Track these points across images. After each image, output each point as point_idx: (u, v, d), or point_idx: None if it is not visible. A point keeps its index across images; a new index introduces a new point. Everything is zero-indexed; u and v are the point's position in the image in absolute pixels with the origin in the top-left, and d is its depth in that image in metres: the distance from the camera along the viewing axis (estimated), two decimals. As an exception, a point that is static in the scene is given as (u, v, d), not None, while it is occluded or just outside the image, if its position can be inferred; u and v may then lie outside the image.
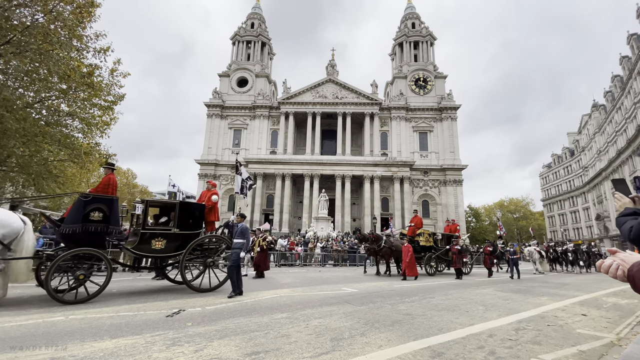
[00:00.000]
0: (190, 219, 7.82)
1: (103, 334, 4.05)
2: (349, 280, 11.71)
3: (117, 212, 6.89)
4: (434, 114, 48.36)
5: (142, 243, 7.08)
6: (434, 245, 15.99)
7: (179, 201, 8.17)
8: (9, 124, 11.22)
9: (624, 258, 1.37)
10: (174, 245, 7.48)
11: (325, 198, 32.73)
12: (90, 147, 14.55)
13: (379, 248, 14.25)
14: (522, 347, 4.04)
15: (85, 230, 6.28)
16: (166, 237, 7.36)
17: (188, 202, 8.66)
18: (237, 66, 52.32)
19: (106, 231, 6.59)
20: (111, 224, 6.64)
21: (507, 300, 7.95)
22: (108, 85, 14.32)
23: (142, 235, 7.08)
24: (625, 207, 1.78)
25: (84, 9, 12.50)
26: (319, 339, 4.06)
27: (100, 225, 6.45)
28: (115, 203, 6.82)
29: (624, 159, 44.05)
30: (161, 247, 7.22)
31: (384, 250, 14.23)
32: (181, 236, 7.58)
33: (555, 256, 23.89)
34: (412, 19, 55.87)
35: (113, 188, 7.10)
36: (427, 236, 15.74)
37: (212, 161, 46.64)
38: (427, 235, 15.79)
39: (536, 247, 21.74)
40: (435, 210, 45.15)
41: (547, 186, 79.23)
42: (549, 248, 24.36)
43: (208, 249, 8.15)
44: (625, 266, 1.33)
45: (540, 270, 20.37)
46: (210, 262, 7.98)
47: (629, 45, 42.01)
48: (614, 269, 1.37)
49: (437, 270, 16.41)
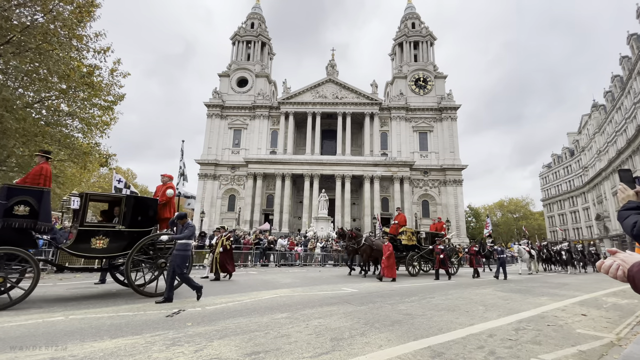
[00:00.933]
0: (139, 215, 7.08)
1: (103, 334, 4.04)
2: (348, 280, 11.71)
3: (48, 206, 6.15)
4: (434, 114, 48.37)
5: (79, 242, 6.39)
6: (418, 245, 15.36)
7: (126, 195, 7.30)
8: (9, 123, 11.22)
9: (624, 258, 1.35)
10: (120, 244, 6.76)
11: (325, 198, 32.74)
12: (90, 147, 14.54)
13: (359, 246, 13.63)
14: (522, 347, 4.04)
15: (8, 227, 5.58)
16: (109, 235, 6.60)
17: (137, 197, 7.96)
18: (237, 66, 52.30)
19: (33, 228, 5.86)
20: (40, 219, 5.86)
21: (507, 300, 7.96)
22: (108, 85, 14.31)
23: (79, 233, 6.39)
24: (629, 200, 1.69)
25: (84, 8, 12.50)
26: (319, 339, 4.06)
27: (26, 221, 5.71)
28: (46, 196, 6.05)
29: (624, 159, 44.05)
30: (103, 247, 6.48)
31: (363, 248, 13.55)
32: (128, 234, 6.83)
33: (549, 256, 23.31)
34: (412, 19, 55.86)
35: (46, 179, 6.40)
36: (410, 235, 15.01)
37: (212, 161, 46.63)
38: (410, 234, 15.04)
39: (526, 246, 21.00)
40: (435, 210, 45.13)
41: (547, 186, 79.25)
42: (542, 247, 23.71)
43: (162, 249, 7.34)
44: (626, 266, 1.31)
45: (531, 271, 19.67)
46: (162, 263, 7.23)
47: (628, 45, 42.00)
48: (614, 269, 1.35)
49: (423, 270, 15.87)
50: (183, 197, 19.48)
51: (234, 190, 46.74)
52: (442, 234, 16.40)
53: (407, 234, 14.86)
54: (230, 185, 46.92)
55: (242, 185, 46.20)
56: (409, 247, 14.77)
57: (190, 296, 7.20)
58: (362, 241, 13.63)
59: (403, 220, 15.51)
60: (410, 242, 14.83)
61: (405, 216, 16.22)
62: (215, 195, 46.23)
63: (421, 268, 15.80)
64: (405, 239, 14.72)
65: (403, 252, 14.66)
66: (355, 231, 14.32)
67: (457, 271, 16.41)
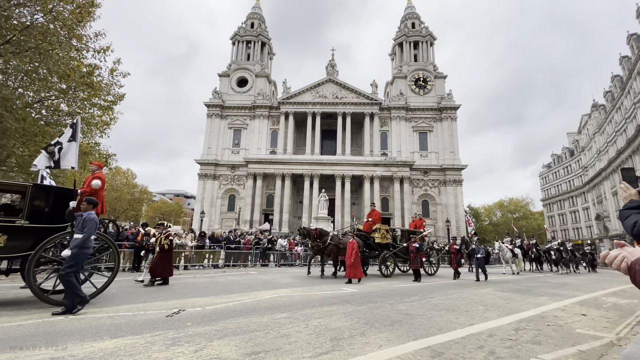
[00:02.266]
0: (49, 209, 6.02)
1: (103, 334, 4.04)
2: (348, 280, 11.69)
3: None
4: (434, 114, 48.38)
5: None
6: (393, 243, 14.38)
7: (32, 184, 6.02)
8: (9, 123, 11.22)
9: (632, 252, 1.37)
10: (22, 243, 5.66)
11: (325, 198, 32.76)
12: (90, 147, 14.54)
13: (324, 245, 12.55)
14: (522, 347, 4.04)
15: None
16: (8, 232, 5.49)
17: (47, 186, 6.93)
18: (237, 66, 52.30)
19: None
20: None
21: (506, 300, 7.96)
22: (108, 85, 14.31)
23: None
24: (630, 199, 1.69)
25: (84, 8, 12.50)
26: (319, 339, 4.06)
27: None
28: None
29: (624, 159, 44.05)
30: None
31: (330, 248, 12.57)
32: (33, 231, 5.74)
33: (537, 255, 22.12)
34: (412, 19, 55.87)
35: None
36: (384, 232, 14.01)
37: (212, 161, 46.63)
38: (384, 231, 14.05)
39: (509, 244, 19.66)
40: (435, 210, 45.16)
41: (547, 186, 79.25)
42: (530, 246, 22.38)
43: None
44: (630, 259, 1.33)
45: (515, 271, 18.57)
46: None
47: (628, 45, 42.01)
48: (618, 261, 1.37)
49: (401, 271, 15.16)
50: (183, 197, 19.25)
51: (234, 190, 46.74)
52: (422, 231, 15.54)
53: (381, 232, 13.84)
54: (230, 185, 46.92)
55: (242, 185, 46.21)
56: (383, 246, 13.86)
57: (191, 296, 7.19)
58: (328, 240, 12.59)
59: (377, 217, 14.46)
60: (385, 240, 13.85)
61: (379, 212, 15.06)
62: (215, 195, 46.23)
63: (398, 268, 15.04)
64: (379, 237, 13.71)
65: (376, 250, 13.83)
66: (320, 230, 13.24)
67: (436, 271, 15.34)
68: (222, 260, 16.80)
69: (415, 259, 12.26)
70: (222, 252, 17.00)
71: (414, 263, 12.28)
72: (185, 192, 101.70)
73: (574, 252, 24.04)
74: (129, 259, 13.57)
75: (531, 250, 21.97)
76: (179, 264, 15.09)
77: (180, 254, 15.39)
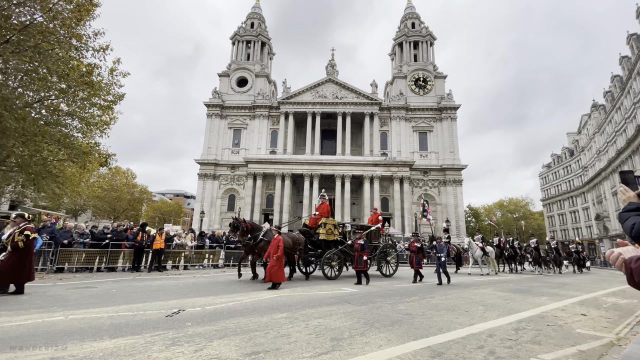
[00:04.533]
0: None
1: (103, 334, 4.04)
2: (348, 280, 11.70)
3: None
4: (434, 114, 48.38)
5: None
6: (341, 240, 12.76)
7: None
8: (8, 123, 11.21)
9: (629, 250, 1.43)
10: None
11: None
12: (89, 147, 14.51)
13: (255, 242, 10.65)
14: (522, 347, 4.04)
15: None
16: None
17: None
18: (237, 66, 52.28)
19: None
20: None
21: (506, 300, 7.96)
22: (108, 85, 14.28)
23: None
24: (629, 202, 1.71)
25: (83, 7, 12.47)
26: (319, 339, 4.06)
27: None
28: None
29: (624, 159, 44.06)
30: None
31: (261, 245, 10.57)
32: None
33: (512, 254, 20.11)
34: (412, 19, 55.86)
35: None
36: (332, 227, 12.48)
37: (212, 161, 46.61)
38: (332, 227, 12.51)
39: (479, 242, 18.03)
40: (435, 210, 45.12)
41: (547, 186, 79.28)
42: (505, 243, 20.47)
43: None
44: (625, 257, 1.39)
45: (487, 271, 17.17)
46: None
47: (628, 45, 42.02)
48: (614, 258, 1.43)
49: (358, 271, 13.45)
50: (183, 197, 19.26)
51: (233, 190, 46.74)
52: (379, 226, 13.99)
53: (328, 227, 12.27)
54: (230, 185, 46.91)
55: (242, 185, 46.21)
56: (329, 243, 12.28)
57: (191, 296, 7.20)
58: (260, 236, 10.72)
59: (325, 211, 12.77)
60: (331, 236, 12.28)
61: (328, 205, 13.12)
62: (215, 195, 46.22)
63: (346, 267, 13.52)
64: (324, 233, 12.05)
65: (318, 249, 12.24)
66: (251, 223, 11.25)
67: (394, 272, 13.68)
68: (222, 260, 16.83)
69: (360, 258, 10.53)
70: (222, 252, 17.02)
71: (358, 264, 10.55)
72: (185, 192, 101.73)
73: (558, 250, 21.89)
74: (129, 259, 13.57)
75: (505, 248, 20.08)
76: (179, 263, 15.12)
77: (180, 254, 15.43)
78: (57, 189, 15.61)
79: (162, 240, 13.57)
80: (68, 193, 17.84)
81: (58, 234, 11.95)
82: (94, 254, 12.72)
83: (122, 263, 13.58)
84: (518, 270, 20.37)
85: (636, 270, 1.29)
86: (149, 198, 60.13)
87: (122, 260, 13.61)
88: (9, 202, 24.98)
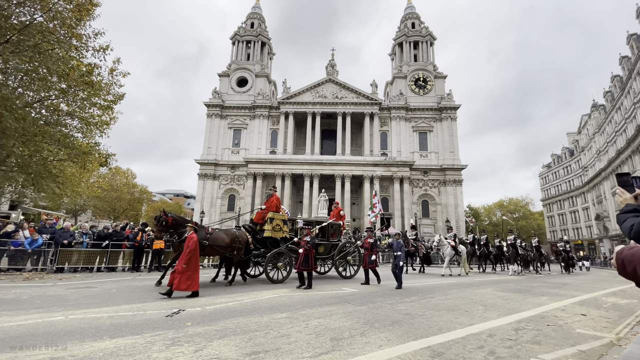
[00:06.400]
0: None
1: (103, 334, 4.04)
2: (348, 280, 11.70)
3: None
4: (434, 114, 48.38)
5: None
6: (291, 237, 11.16)
7: None
8: (8, 123, 11.21)
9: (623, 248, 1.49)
10: None
11: (325, 198, 32.79)
12: (89, 147, 14.52)
13: (180, 240, 8.75)
14: (522, 347, 4.04)
15: None
16: None
17: None
18: (237, 66, 52.29)
19: None
20: None
21: (506, 300, 7.96)
22: (108, 85, 14.29)
23: None
24: (626, 204, 1.75)
25: (83, 7, 12.48)
26: (319, 339, 4.06)
27: None
28: None
29: (624, 159, 44.07)
30: None
31: None
32: None
33: (485, 252, 18.86)
34: (412, 19, 55.86)
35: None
36: (280, 223, 10.84)
37: (212, 161, 46.62)
38: (280, 222, 10.87)
39: (451, 239, 16.59)
40: (435, 210, 45.16)
41: (547, 186, 79.28)
42: (475, 241, 19.21)
43: None
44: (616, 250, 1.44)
45: (450, 272, 15.84)
46: None
47: (628, 45, 42.02)
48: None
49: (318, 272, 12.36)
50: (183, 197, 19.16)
51: (233, 190, 46.74)
52: (341, 223, 12.76)
53: (275, 222, 10.69)
54: (230, 185, 46.91)
55: (242, 185, 46.21)
56: (276, 241, 10.68)
57: (190, 296, 7.19)
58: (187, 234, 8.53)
59: (273, 205, 11.08)
60: (279, 233, 10.73)
61: (278, 199, 11.45)
62: (215, 195, 46.23)
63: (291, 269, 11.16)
64: (269, 229, 10.48)
65: (262, 248, 10.71)
66: (176, 217, 9.15)
67: (354, 274, 12.32)
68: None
69: (306, 258, 9.04)
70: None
71: (303, 264, 9.05)
72: (185, 192, 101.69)
73: (540, 249, 20.59)
74: (129, 259, 13.57)
75: (478, 246, 18.90)
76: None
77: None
78: (57, 189, 15.61)
79: (162, 241, 13.56)
80: (68, 193, 17.83)
81: (58, 234, 11.97)
82: (94, 254, 12.73)
83: (122, 263, 13.58)
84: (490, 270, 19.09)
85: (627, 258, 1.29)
86: (149, 198, 60.10)
87: (122, 260, 13.62)
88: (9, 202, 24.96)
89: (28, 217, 21.46)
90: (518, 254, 17.89)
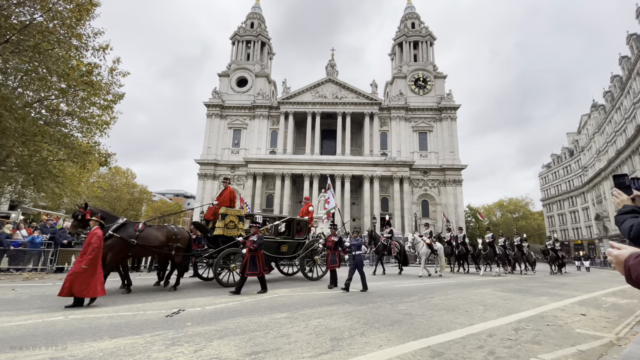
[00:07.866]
0: None
1: (102, 334, 4.04)
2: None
3: None
4: (434, 114, 48.40)
5: None
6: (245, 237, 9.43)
7: None
8: (8, 123, 11.21)
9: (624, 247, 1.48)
10: None
11: (325, 198, 32.74)
12: (89, 147, 14.51)
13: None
14: (522, 347, 4.04)
15: None
16: None
17: None
18: (237, 66, 52.29)
19: None
20: None
21: (506, 300, 7.96)
22: (107, 84, 14.29)
23: None
24: (624, 205, 1.77)
25: (83, 7, 12.48)
26: (319, 339, 4.06)
27: None
28: None
29: (623, 159, 44.08)
30: None
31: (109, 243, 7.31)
32: None
33: (463, 251, 17.76)
34: (412, 19, 55.88)
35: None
36: (235, 220, 9.48)
37: (212, 161, 46.63)
38: (235, 218, 9.51)
39: (427, 237, 15.70)
40: (434, 210, 45.17)
41: (547, 186, 79.28)
42: (452, 239, 18.39)
43: None
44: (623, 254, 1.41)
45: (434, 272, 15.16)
46: None
47: (628, 45, 42.02)
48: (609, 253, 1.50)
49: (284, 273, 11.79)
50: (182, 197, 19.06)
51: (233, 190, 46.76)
52: (307, 219, 11.77)
53: (228, 219, 9.31)
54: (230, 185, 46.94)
55: (241, 185, 46.20)
56: (229, 240, 9.24)
57: (191, 296, 7.19)
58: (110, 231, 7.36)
59: (226, 199, 9.92)
60: (233, 231, 9.34)
61: (232, 192, 10.30)
62: (214, 195, 46.23)
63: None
64: (221, 227, 9.16)
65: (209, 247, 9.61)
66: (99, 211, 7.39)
67: (322, 275, 11.42)
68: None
69: (253, 261, 7.78)
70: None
71: (250, 267, 7.76)
72: (185, 192, 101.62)
73: (522, 248, 19.72)
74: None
75: (456, 244, 17.93)
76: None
77: (180, 254, 15.36)
78: (57, 189, 15.60)
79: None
80: (68, 193, 17.83)
81: (58, 234, 11.97)
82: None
83: None
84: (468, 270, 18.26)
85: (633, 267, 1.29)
86: (148, 198, 60.08)
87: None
88: (9, 202, 24.95)
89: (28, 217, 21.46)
90: (496, 254, 17.11)
